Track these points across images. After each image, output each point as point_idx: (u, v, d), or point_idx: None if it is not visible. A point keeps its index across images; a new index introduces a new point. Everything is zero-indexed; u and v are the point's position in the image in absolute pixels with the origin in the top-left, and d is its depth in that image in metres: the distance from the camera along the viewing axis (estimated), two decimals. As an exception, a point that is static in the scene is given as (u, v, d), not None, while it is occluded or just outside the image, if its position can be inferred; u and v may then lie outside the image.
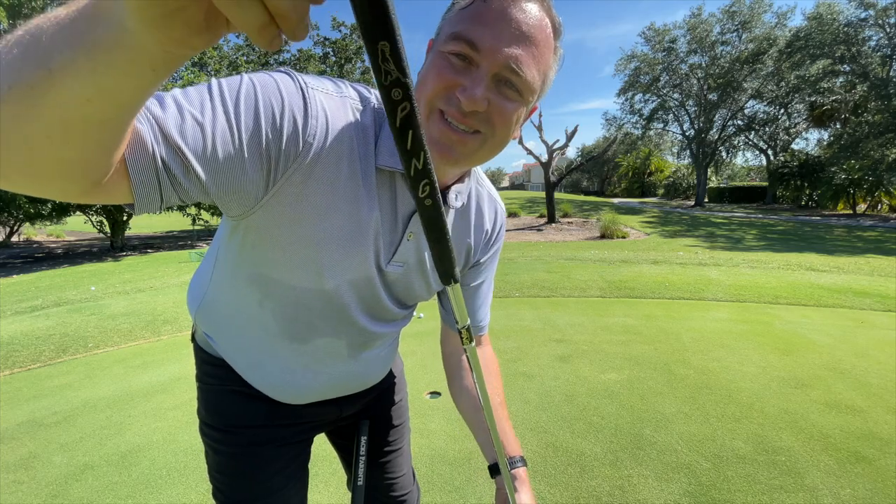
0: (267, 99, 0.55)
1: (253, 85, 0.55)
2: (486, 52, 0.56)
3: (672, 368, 3.15)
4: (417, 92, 0.60)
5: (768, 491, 1.87)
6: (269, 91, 0.55)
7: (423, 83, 0.60)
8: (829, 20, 22.39)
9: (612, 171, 54.26)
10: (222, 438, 0.87)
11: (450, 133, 0.59)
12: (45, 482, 2.07)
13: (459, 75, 0.57)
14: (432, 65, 0.59)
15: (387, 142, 0.65)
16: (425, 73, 0.60)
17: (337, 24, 22.78)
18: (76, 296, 6.45)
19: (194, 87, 0.53)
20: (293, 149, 0.57)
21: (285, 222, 0.63)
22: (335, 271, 0.69)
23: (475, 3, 0.57)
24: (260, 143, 0.54)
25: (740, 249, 10.76)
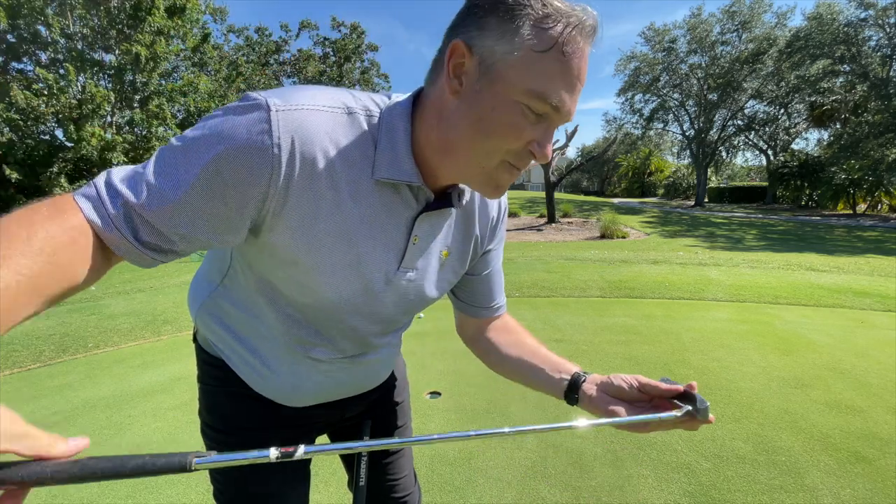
0: (227, 191, 0.56)
1: (212, 175, 0.55)
2: (563, 114, 0.58)
3: (672, 368, 3.15)
4: (484, 138, 0.58)
5: (768, 491, 1.87)
6: (230, 176, 0.55)
7: (496, 134, 0.58)
8: (829, 20, 22.40)
9: (612, 171, 54.28)
10: (223, 440, 0.87)
11: (510, 176, 0.63)
12: (45, 482, 2.07)
13: (535, 131, 0.58)
14: (507, 117, 0.56)
15: (385, 154, 0.63)
16: (496, 123, 0.57)
17: (337, 23, 22.78)
18: (76, 296, 6.45)
19: (155, 185, 0.55)
20: (264, 210, 0.60)
21: (277, 255, 0.65)
22: (336, 291, 0.70)
23: (554, 53, 0.54)
24: (228, 224, 0.59)
25: (740, 249, 10.76)
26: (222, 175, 0.55)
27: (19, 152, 9.94)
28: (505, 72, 0.55)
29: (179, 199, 0.55)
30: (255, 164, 0.55)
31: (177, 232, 0.57)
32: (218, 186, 0.55)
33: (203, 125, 0.57)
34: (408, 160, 0.63)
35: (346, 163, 0.61)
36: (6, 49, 11.88)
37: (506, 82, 0.55)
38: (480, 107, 0.57)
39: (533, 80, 0.54)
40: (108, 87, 11.98)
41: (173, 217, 0.56)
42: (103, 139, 10.41)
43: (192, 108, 12.95)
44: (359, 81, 23.82)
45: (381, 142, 0.63)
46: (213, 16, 21.03)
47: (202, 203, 0.56)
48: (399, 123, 0.63)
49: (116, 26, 12.01)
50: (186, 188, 0.55)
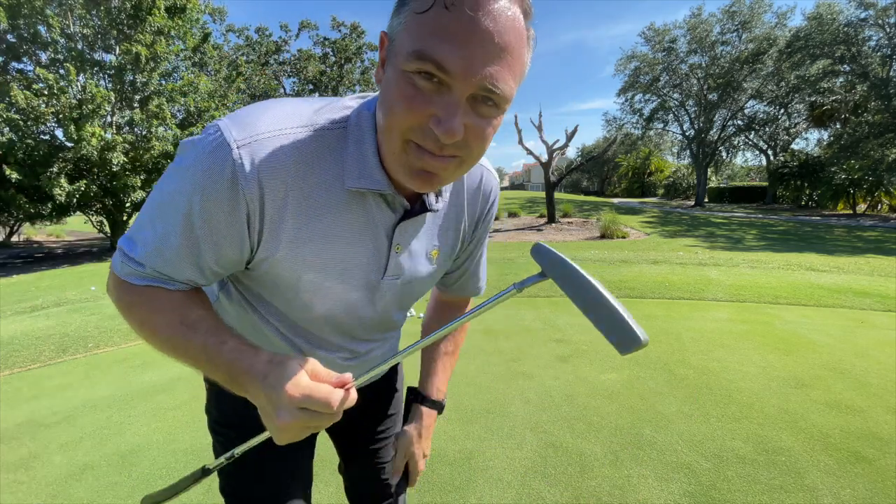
0: (213, 233, 0.60)
1: (191, 228, 0.60)
2: (457, 76, 0.49)
3: (672, 368, 3.15)
4: (385, 117, 0.56)
5: (768, 491, 1.87)
6: (210, 224, 0.59)
7: (392, 111, 0.54)
8: (829, 20, 22.39)
9: (612, 171, 54.27)
10: (232, 434, 0.87)
11: (430, 161, 0.56)
12: (45, 482, 2.07)
13: (431, 103, 0.51)
14: (398, 90, 0.52)
15: (354, 163, 0.61)
16: (392, 99, 0.53)
17: (337, 24, 22.78)
18: (76, 296, 6.46)
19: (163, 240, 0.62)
20: (252, 241, 0.63)
21: (269, 279, 0.70)
22: (327, 305, 0.73)
23: (435, 11, 0.47)
24: (230, 248, 0.63)
25: (740, 249, 10.77)
26: (203, 225, 0.59)
27: (19, 152, 9.93)
28: (398, 43, 0.52)
29: (176, 253, 0.62)
30: (229, 207, 0.58)
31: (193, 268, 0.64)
32: (203, 235, 0.60)
33: (172, 177, 0.60)
34: (376, 168, 0.62)
35: (317, 181, 0.61)
36: (6, 49, 11.88)
37: (397, 54, 0.52)
38: (385, 88, 0.55)
39: (413, 42, 0.49)
40: (108, 87, 11.98)
41: (184, 262, 0.62)
42: (103, 139, 10.40)
43: (192, 108, 12.93)
44: (359, 81, 23.82)
45: (349, 151, 0.62)
46: (212, 16, 21.05)
47: (201, 246, 0.61)
48: (366, 132, 0.62)
49: (117, 26, 12.00)
50: (175, 248, 0.61)
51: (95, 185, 10.98)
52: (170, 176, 0.60)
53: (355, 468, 1.07)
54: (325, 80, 22.68)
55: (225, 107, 14.43)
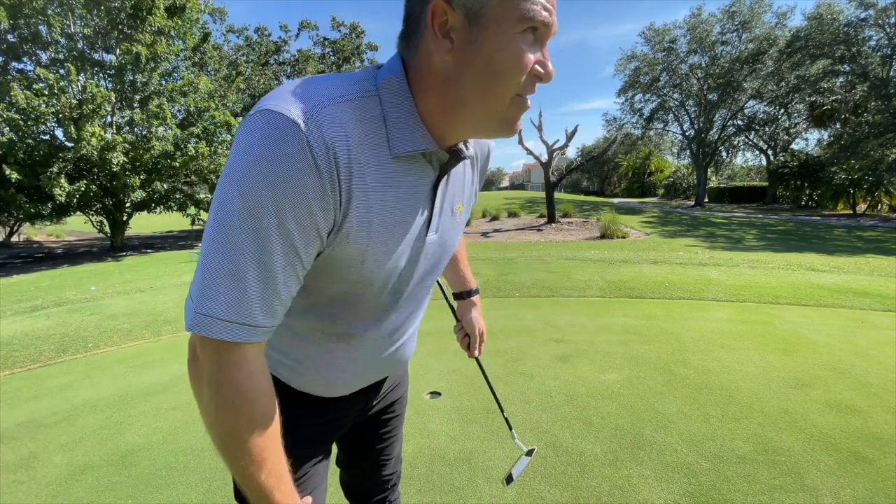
0: (294, 230, 0.57)
1: (278, 223, 0.56)
2: (550, 30, 0.60)
3: (672, 368, 3.15)
4: (495, 81, 0.59)
5: (768, 491, 1.87)
6: (293, 214, 0.56)
7: (508, 70, 0.59)
8: (829, 20, 22.37)
9: (612, 171, 54.25)
10: None
11: (525, 106, 0.64)
12: (45, 482, 2.07)
13: (536, 53, 0.60)
14: (512, 52, 0.58)
15: (397, 129, 0.63)
16: (506, 60, 0.58)
17: (336, 24, 22.78)
18: (76, 296, 6.46)
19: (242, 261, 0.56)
20: (332, 223, 0.62)
21: (337, 260, 0.67)
22: (385, 275, 0.72)
23: None
24: (308, 254, 0.61)
25: (740, 249, 10.76)
26: (297, 224, 0.57)
27: (19, 152, 9.92)
28: (494, 12, 0.57)
29: (274, 278, 0.58)
30: (317, 190, 0.56)
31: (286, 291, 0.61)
32: (300, 234, 0.58)
33: (239, 177, 0.54)
34: (420, 129, 0.64)
35: (370, 149, 0.62)
36: (7, 49, 11.88)
37: (498, 21, 0.57)
38: (483, 53, 0.58)
39: (519, 9, 0.57)
40: (108, 87, 11.98)
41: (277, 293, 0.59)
42: (103, 139, 10.40)
43: (192, 108, 12.92)
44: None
45: (390, 118, 0.63)
46: (212, 16, 21.05)
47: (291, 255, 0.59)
48: (402, 96, 0.63)
49: (117, 26, 12.00)
50: (282, 268, 0.58)
51: (95, 185, 10.97)
52: (237, 190, 0.54)
53: (359, 467, 1.09)
54: (324, 80, 22.68)
55: (225, 107, 14.42)
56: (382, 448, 1.08)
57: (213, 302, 0.55)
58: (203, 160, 12.59)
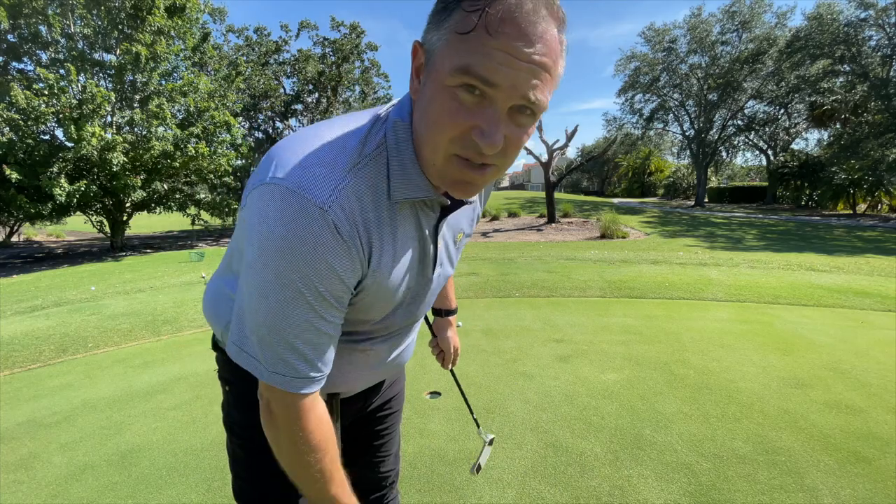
0: (323, 289, 0.61)
1: (310, 295, 0.60)
2: (502, 87, 0.51)
3: (672, 368, 3.15)
4: (427, 131, 0.58)
5: (768, 491, 1.87)
6: (323, 283, 0.61)
7: (435, 124, 0.56)
8: (829, 20, 22.37)
9: (612, 171, 54.26)
10: (257, 436, 0.79)
11: (469, 172, 0.59)
12: (45, 482, 2.07)
13: (473, 115, 0.53)
14: (441, 105, 0.54)
15: (398, 177, 0.65)
16: (434, 112, 0.55)
17: (336, 24, 22.76)
18: (76, 296, 6.46)
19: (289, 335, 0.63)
20: (358, 282, 0.68)
21: (356, 305, 0.72)
22: (393, 309, 0.79)
23: (478, 34, 0.50)
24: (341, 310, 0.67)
25: (740, 249, 10.76)
26: (326, 293, 0.61)
27: (19, 152, 9.92)
28: (438, 59, 0.54)
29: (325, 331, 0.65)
30: (346, 264, 0.61)
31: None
32: (328, 298, 0.62)
33: (273, 269, 0.58)
34: (418, 177, 0.65)
35: (380, 204, 0.64)
36: (7, 49, 11.88)
37: (438, 69, 0.54)
38: (424, 100, 0.57)
39: (457, 58, 0.52)
40: (108, 87, 11.97)
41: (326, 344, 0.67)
42: (103, 139, 10.40)
43: (191, 108, 12.92)
44: (358, 81, 23.81)
45: (393, 167, 0.64)
46: (211, 16, 21.04)
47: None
48: (404, 144, 0.64)
49: (117, 26, 12.00)
50: (328, 332, 0.65)
51: (95, 185, 10.97)
52: (273, 277, 0.59)
53: (357, 464, 1.09)
54: (324, 81, 22.67)
55: (225, 107, 14.41)
56: (380, 445, 1.10)
57: (280, 365, 0.63)
58: (203, 160, 12.60)
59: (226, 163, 13.50)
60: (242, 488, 0.91)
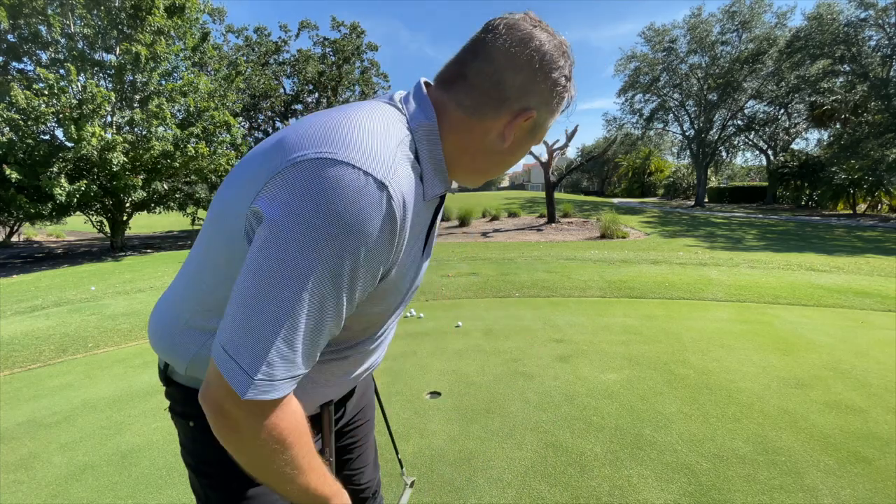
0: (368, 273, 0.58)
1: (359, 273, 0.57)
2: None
3: (672, 368, 3.15)
4: (506, 166, 0.75)
5: (768, 491, 1.87)
6: (370, 264, 0.57)
7: (504, 166, 0.75)
8: (829, 20, 22.37)
9: (612, 171, 54.26)
10: (238, 472, 0.65)
11: None
12: (45, 482, 2.07)
13: None
14: (522, 153, 0.75)
15: (430, 177, 0.67)
16: (517, 157, 0.74)
17: (336, 24, 22.77)
18: (76, 296, 6.46)
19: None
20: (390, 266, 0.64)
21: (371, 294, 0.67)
22: (396, 301, 0.76)
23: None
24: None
25: (740, 249, 10.76)
26: (363, 269, 0.57)
27: (19, 152, 9.92)
28: (540, 127, 0.72)
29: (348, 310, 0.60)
30: (388, 242, 0.57)
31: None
32: (363, 277, 0.58)
33: (323, 237, 0.51)
34: (444, 175, 0.69)
35: (415, 195, 0.63)
36: (7, 49, 11.87)
37: (537, 133, 0.73)
38: (520, 150, 0.73)
39: (545, 122, 0.72)
40: (108, 87, 11.97)
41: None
42: (103, 139, 10.40)
43: (192, 108, 12.92)
44: (358, 81, 23.82)
45: (426, 166, 0.66)
46: (211, 16, 21.03)
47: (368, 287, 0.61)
48: (435, 144, 0.67)
49: (117, 26, 11.99)
50: (332, 315, 0.57)
51: (95, 185, 10.97)
52: (314, 250, 0.51)
53: (347, 457, 1.06)
54: (324, 80, 22.67)
55: (225, 107, 14.41)
56: (357, 457, 1.05)
57: (272, 368, 0.53)
58: (203, 160, 12.59)
59: (226, 163, 13.50)
60: None
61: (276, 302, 0.52)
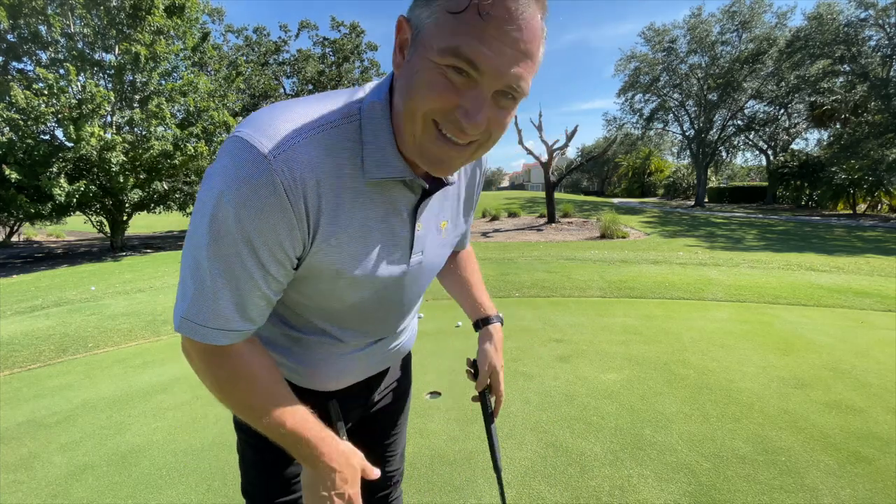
0: (266, 248, 0.60)
1: (248, 248, 0.59)
2: (488, 74, 0.53)
3: (672, 368, 3.15)
4: (407, 101, 0.58)
5: (768, 491, 1.87)
6: (262, 238, 0.59)
7: (416, 95, 0.56)
8: (829, 20, 22.38)
9: (612, 171, 54.28)
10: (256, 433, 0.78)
11: (448, 149, 0.60)
12: (45, 482, 2.07)
13: (459, 94, 0.55)
14: (427, 79, 0.55)
15: (373, 155, 0.64)
16: (417, 85, 0.56)
17: (336, 24, 22.77)
18: (76, 296, 6.46)
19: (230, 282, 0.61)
20: (300, 249, 0.64)
21: (308, 277, 0.70)
22: (362, 295, 0.75)
23: (470, 14, 0.51)
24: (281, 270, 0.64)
25: (740, 249, 10.76)
26: (256, 242, 0.59)
27: (19, 152, 9.92)
28: (426, 36, 0.55)
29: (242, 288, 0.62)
30: (284, 222, 0.59)
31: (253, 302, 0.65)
32: (268, 257, 0.61)
33: (211, 206, 0.57)
34: (395, 157, 0.64)
35: (343, 177, 0.63)
36: (7, 49, 11.87)
37: (425, 45, 0.55)
38: (408, 73, 0.58)
39: (447, 38, 0.52)
40: (108, 87, 11.97)
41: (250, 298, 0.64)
42: (103, 139, 10.40)
43: (191, 108, 12.92)
44: (358, 81, 23.82)
45: (367, 145, 0.64)
46: (210, 16, 21.03)
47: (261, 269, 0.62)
48: (380, 122, 0.64)
49: (116, 26, 11.99)
50: (248, 285, 0.62)
51: (95, 185, 10.97)
52: (209, 217, 0.58)
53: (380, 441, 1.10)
54: (324, 80, 22.67)
55: (225, 106, 14.41)
56: (388, 444, 1.09)
57: (194, 311, 0.61)
58: (202, 160, 12.58)
59: (226, 163, 13.49)
60: (248, 484, 0.92)
61: (186, 258, 0.61)
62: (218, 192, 0.56)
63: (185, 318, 0.61)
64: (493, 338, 1.04)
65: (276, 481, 0.89)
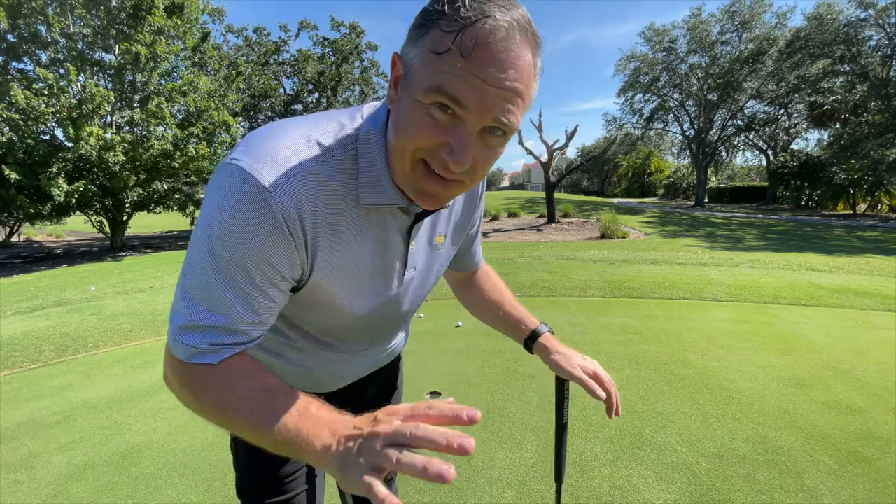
0: (267, 273, 0.61)
1: (244, 272, 0.60)
2: (472, 109, 0.53)
3: (672, 368, 3.15)
4: (397, 138, 0.59)
5: (768, 491, 1.87)
6: (263, 265, 0.60)
7: (405, 134, 0.57)
8: (829, 20, 22.38)
9: (612, 171, 54.29)
10: None
11: (436, 184, 0.60)
12: (45, 482, 2.07)
13: (444, 133, 0.55)
14: (413, 118, 0.56)
15: (368, 182, 0.64)
16: (406, 123, 0.57)
17: (336, 24, 22.77)
18: (76, 296, 6.46)
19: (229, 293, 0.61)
20: (299, 274, 0.66)
21: (307, 298, 0.72)
22: (358, 313, 0.77)
23: (452, 55, 0.51)
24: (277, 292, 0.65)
25: (740, 249, 10.76)
26: (255, 270, 0.60)
27: (19, 152, 9.92)
28: (415, 75, 0.55)
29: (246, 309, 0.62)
30: (283, 249, 0.60)
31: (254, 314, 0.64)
32: (263, 282, 0.61)
33: (216, 233, 0.58)
34: (389, 185, 0.65)
35: (339, 204, 0.64)
36: (6, 49, 11.87)
37: (413, 85, 0.55)
38: (398, 110, 0.58)
39: (431, 77, 0.53)
40: (108, 87, 11.97)
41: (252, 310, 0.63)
42: (102, 139, 10.40)
43: (191, 108, 12.92)
44: (357, 81, 23.84)
45: (362, 172, 0.64)
46: (210, 16, 21.03)
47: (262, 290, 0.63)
48: (375, 151, 0.64)
49: (116, 26, 12.00)
50: (243, 304, 0.61)
51: (95, 185, 10.97)
52: (209, 239, 0.58)
53: None
54: (323, 80, 22.67)
55: (225, 107, 14.41)
56: None
57: (190, 335, 0.60)
58: (203, 160, 12.59)
59: (226, 163, 13.50)
60: (243, 485, 0.94)
61: (183, 277, 0.62)
62: (220, 222, 0.57)
63: (191, 345, 0.61)
64: (553, 343, 0.98)
65: (271, 481, 0.90)
